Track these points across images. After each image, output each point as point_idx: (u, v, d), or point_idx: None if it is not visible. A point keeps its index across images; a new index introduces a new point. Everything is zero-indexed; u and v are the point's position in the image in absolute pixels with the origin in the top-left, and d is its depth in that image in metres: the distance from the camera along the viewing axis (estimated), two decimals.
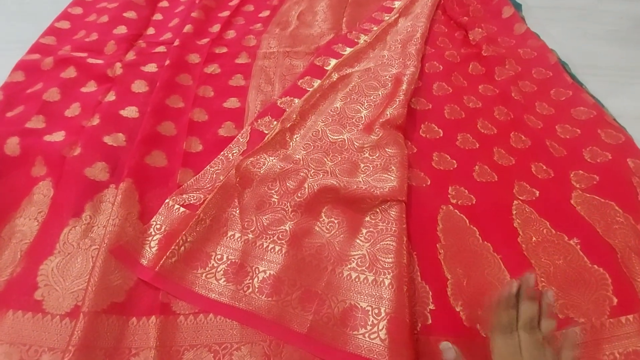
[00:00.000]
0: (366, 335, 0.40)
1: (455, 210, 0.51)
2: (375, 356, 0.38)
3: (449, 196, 0.52)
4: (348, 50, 0.74)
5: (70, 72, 0.67)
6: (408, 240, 0.47)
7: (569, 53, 0.75)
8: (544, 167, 0.56)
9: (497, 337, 0.34)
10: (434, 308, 0.42)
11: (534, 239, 0.48)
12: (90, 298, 0.39)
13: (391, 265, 0.43)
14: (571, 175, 0.54)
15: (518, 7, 0.87)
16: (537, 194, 0.52)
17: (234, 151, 0.56)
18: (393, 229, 0.46)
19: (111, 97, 0.62)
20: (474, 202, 0.52)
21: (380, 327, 0.40)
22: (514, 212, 0.50)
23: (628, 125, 0.61)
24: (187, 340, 0.40)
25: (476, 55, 0.75)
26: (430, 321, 0.42)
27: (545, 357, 0.32)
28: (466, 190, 0.53)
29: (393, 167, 0.53)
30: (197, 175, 0.53)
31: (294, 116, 0.60)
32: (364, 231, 0.47)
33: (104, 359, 0.38)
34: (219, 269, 0.44)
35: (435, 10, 0.85)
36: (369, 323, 0.40)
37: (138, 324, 0.40)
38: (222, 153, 0.56)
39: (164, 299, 0.42)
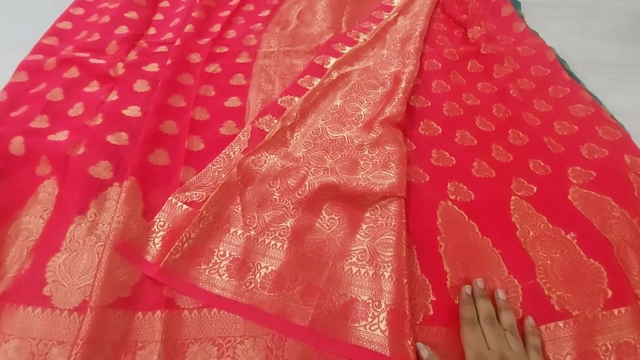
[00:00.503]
0: (367, 327, 0.40)
1: (454, 206, 0.52)
2: (376, 347, 0.39)
3: (447, 192, 0.53)
4: (348, 49, 0.75)
5: (72, 72, 0.67)
6: (407, 234, 0.47)
7: (568, 50, 0.76)
8: (542, 164, 0.57)
9: (464, 329, 0.40)
10: (435, 299, 0.43)
11: (531, 233, 0.48)
12: (97, 293, 0.40)
13: (391, 258, 0.44)
14: (568, 171, 0.55)
15: (517, 4, 0.87)
16: (535, 190, 0.53)
17: (235, 149, 0.57)
18: (392, 223, 0.47)
19: (114, 96, 0.63)
20: (472, 198, 0.53)
21: (380, 319, 0.40)
22: (512, 208, 0.51)
23: (628, 121, 0.61)
24: (192, 334, 0.41)
25: (475, 53, 0.76)
26: (432, 312, 0.43)
27: (508, 344, 0.37)
28: (465, 186, 0.54)
29: (392, 164, 0.54)
30: (199, 173, 0.54)
31: (295, 114, 0.61)
32: (364, 227, 0.48)
33: (111, 351, 0.39)
34: (221, 265, 0.45)
35: (434, 9, 0.86)
36: (370, 315, 0.41)
37: (144, 318, 0.41)
38: (223, 151, 0.57)
39: (169, 294, 0.43)
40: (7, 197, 0.49)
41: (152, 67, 0.70)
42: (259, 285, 0.44)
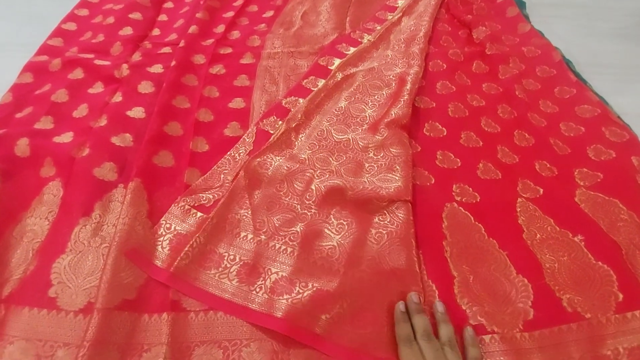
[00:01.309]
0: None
1: (460, 208, 0.51)
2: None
3: (453, 194, 0.53)
4: (352, 49, 0.75)
5: (77, 74, 0.68)
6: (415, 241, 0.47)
7: (574, 51, 0.75)
8: (548, 165, 0.56)
9: (401, 348, 0.38)
10: None
11: (538, 236, 0.48)
12: (103, 295, 0.40)
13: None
14: (575, 173, 0.55)
15: (522, 4, 0.87)
16: (541, 192, 0.53)
17: (241, 151, 0.57)
18: (402, 232, 0.46)
19: (118, 98, 0.63)
20: (478, 200, 0.52)
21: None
22: (518, 210, 0.51)
23: (634, 123, 0.61)
24: (198, 336, 0.41)
25: (480, 53, 0.75)
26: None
27: (447, 358, 0.36)
28: (470, 188, 0.54)
29: (397, 167, 0.53)
30: (205, 175, 0.53)
31: (299, 116, 0.61)
32: (373, 232, 0.48)
33: (117, 354, 0.38)
34: (232, 270, 0.45)
35: (438, 9, 0.85)
36: (379, 323, 0.41)
37: (150, 320, 0.41)
38: (228, 153, 0.56)
39: (175, 297, 0.43)
40: (12, 198, 0.49)
41: (157, 69, 0.70)
42: (269, 290, 0.43)
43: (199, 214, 0.49)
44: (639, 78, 0.74)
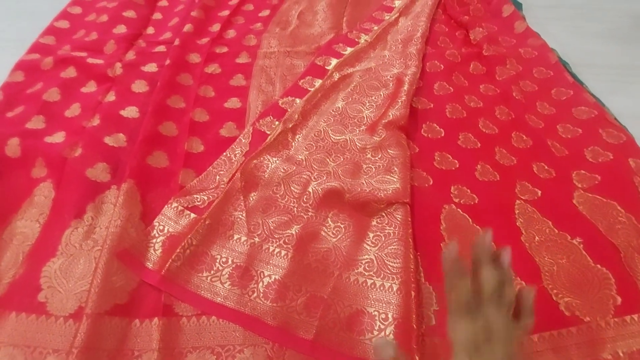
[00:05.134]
0: (373, 340, 0.39)
1: (458, 210, 0.51)
2: None
3: (451, 195, 0.52)
4: (349, 49, 0.74)
5: (70, 72, 0.66)
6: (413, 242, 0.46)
7: (569, 52, 0.75)
8: (546, 167, 0.56)
9: (455, 319, 0.25)
10: (437, 309, 0.42)
11: (536, 238, 0.48)
12: (93, 300, 0.39)
13: (399, 270, 0.43)
14: (573, 175, 0.54)
15: (518, 6, 0.87)
16: (539, 194, 0.52)
17: (237, 152, 0.56)
18: (400, 233, 0.46)
19: (111, 97, 0.62)
20: (476, 202, 0.52)
21: (387, 332, 0.40)
22: (517, 212, 0.51)
23: (629, 124, 0.61)
24: (190, 342, 0.40)
25: (477, 54, 0.75)
26: (434, 322, 0.42)
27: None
28: (468, 190, 0.53)
29: (395, 169, 0.53)
30: (200, 176, 0.53)
31: (296, 116, 0.60)
32: (371, 235, 0.47)
33: None
34: (224, 272, 0.44)
35: (435, 10, 0.85)
36: (376, 328, 0.40)
37: (141, 325, 0.40)
38: (224, 154, 0.56)
39: (167, 301, 0.42)
40: (2, 200, 0.48)
41: (151, 67, 0.69)
42: (261, 294, 0.42)
43: (193, 215, 0.48)
44: (634, 79, 0.74)
